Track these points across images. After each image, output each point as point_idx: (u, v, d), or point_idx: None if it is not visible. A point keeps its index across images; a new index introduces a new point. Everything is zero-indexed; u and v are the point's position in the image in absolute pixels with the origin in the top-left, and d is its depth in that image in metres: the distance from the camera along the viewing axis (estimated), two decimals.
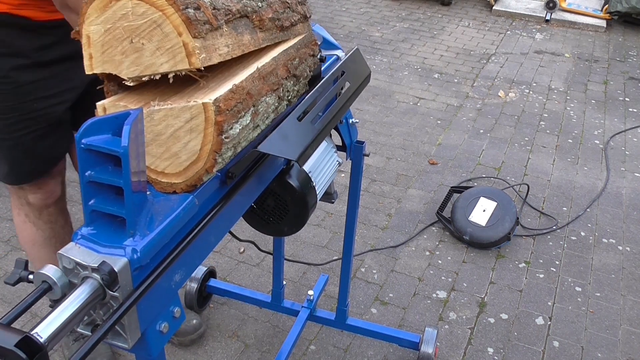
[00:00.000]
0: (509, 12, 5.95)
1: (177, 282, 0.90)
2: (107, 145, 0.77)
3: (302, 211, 1.30)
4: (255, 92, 0.95)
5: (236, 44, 0.92)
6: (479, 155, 3.37)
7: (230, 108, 0.86)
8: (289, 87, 1.09)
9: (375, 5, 6.09)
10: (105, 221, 0.82)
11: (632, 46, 5.30)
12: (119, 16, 0.82)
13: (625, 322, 2.26)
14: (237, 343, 2.09)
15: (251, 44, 0.97)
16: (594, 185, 3.13)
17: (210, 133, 0.84)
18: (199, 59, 0.81)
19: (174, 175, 0.89)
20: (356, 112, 3.81)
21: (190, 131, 0.85)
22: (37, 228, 1.74)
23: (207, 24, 0.83)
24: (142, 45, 0.82)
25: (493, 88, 4.28)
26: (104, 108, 0.89)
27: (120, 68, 0.85)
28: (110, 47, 0.84)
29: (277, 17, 1.05)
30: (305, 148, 1.06)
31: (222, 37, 0.88)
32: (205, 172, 0.87)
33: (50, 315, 0.70)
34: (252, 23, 0.98)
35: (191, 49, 0.81)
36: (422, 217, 2.81)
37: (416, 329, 2.17)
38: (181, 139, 0.86)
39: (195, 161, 0.87)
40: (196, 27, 0.81)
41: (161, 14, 0.80)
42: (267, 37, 1.03)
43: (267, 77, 1.00)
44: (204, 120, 0.84)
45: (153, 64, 0.83)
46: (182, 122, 0.85)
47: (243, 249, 2.53)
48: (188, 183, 0.88)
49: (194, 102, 0.83)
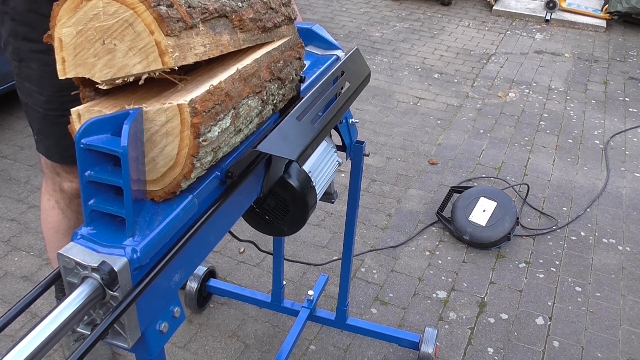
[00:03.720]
0: (509, 12, 5.95)
1: (176, 281, 0.90)
2: (106, 145, 0.77)
3: (302, 211, 1.30)
4: (236, 94, 0.91)
5: (214, 44, 0.89)
6: (479, 155, 3.37)
7: (207, 110, 0.83)
8: (274, 90, 1.05)
9: (375, 5, 6.09)
10: (105, 221, 0.82)
11: (632, 46, 5.30)
12: (91, 17, 0.79)
13: (625, 322, 2.26)
14: (237, 343, 2.09)
15: (231, 44, 0.94)
16: (594, 185, 3.13)
17: (186, 136, 0.81)
18: (172, 58, 0.78)
19: (151, 183, 0.85)
20: (356, 112, 3.81)
21: (166, 135, 0.82)
22: (64, 216, 1.77)
23: (180, 21, 0.80)
24: (114, 46, 0.79)
25: (493, 88, 4.28)
26: (79, 114, 0.85)
27: (94, 71, 0.82)
28: (82, 49, 0.81)
29: (259, 18, 1.02)
30: (305, 148, 1.06)
31: (198, 36, 0.85)
32: (183, 178, 0.84)
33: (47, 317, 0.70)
34: (232, 23, 0.95)
35: (164, 47, 0.78)
36: (422, 217, 2.80)
37: (416, 329, 2.17)
38: (157, 144, 0.83)
39: (172, 167, 0.83)
40: (169, 24, 0.78)
41: (132, 12, 0.77)
42: (248, 38, 1.00)
43: (249, 79, 0.96)
44: (179, 123, 0.81)
45: (126, 65, 0.80)
46: (157, 126, 0.82)
47: (243, 249, 2.53)
48: (166, 190, 0.85)
49: (168, 104, 0.80)
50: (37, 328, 0.69)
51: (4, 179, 2.92)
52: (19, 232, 2.57)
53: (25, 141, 3.24)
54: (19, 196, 2.80)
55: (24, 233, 2.57)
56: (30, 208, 2.72)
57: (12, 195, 2.81)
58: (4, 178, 2.93)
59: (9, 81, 3.17)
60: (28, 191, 2.84)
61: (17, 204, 2.74)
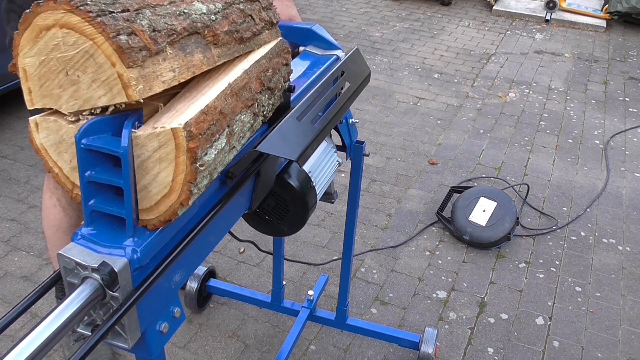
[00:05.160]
0: (509, 12, 5.95)
1: (177, 282, 0.90)
2: (107, 145, 0.77)
3: (302, 211, 1.30)
4: (229, 111, 0.86)
5: (184, 66, 0.83)
6: (479, 155, 3.37)
7: (203, 132, 0.77)
8: (264, 101, 1.00)
9: (375, 5, 6.09)
10: (105, 221, 0.82)
11: (632, 46, 5.30)
12: (51, 47, 0.75)
13: (625, 322, 2.26)
14: (237, 343, 2.09)
15: (204, 63, 0.87)
16: (594, 185, 3.13)
17: (182, 162, 0.75)
18: (136, 91, 0.73)
19: (145, 211, 0.80)
20: (356, 112, 3.81)
21: (159, 161, 0.76)
22: (66, 214, 1.77)
23: (144, 50, 0.75)
24: (77, 77, 0.75)
25: (493, 88, 4.28)
26: (36, 123, 0.81)
27: (60, 102, 0.78)
28: (47, 80, 0.77)
29: (235, 29, 0.95)
30: (305, 148, 1.06)
31: (166, 60, 0.79)
32: (179, 205, 0.79)
33: (47, 318, 0.70)
34: (205, 39, 0.88)
35: (127, 80, 0.73)
36: (422, 217, 2.80)
37: (416, 329, 2.17)
38: (150, 170, 0.77)
39: (167, 194, 0.78)
40: (130, 55, 0.73)
41: (92, 43, 0.72)
42: (224, 52, 0.93)
43: (240, 93, 0.90)
44: (174, 148, 0.75)
45: (91, 97, 0.76)
46: (149, 152, 0.76)
47: (243, 249, 2.53)
48: (161, 218, 0.80)
49: (161, 129, 0.74)
50: (37, 328, 0.69)
51: (4, 179, 2.92)
52: (19, 232, 2.57)
53: (25, 141, 3.24)
54: (19, 196, 2.80)
55: (24, 233, 2.57)
56: (30, 208, 2.72)
57: (12, 195, 2.81)
58: (4, 178, 2.93)
59: (9, 81, 3.17)
60: (28, 191, 2.84)
61: (17, 204, 2.74)
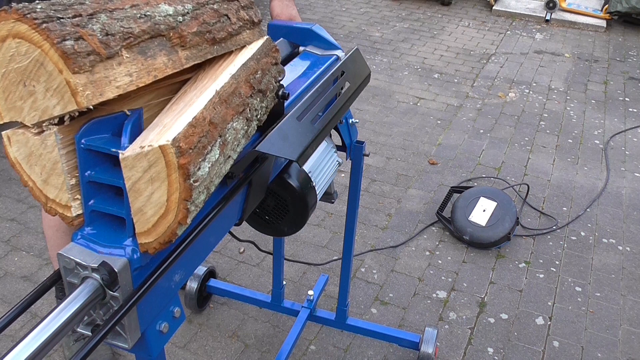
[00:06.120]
0: (509, 12, 5.95)
1: (177, 282, 0.90)
2: (107, 146, 0.77)
3: (302, 211, 1.30)
4: (220, 120, 0.82)
5: (144, 70, 0.79)
6: (479, 155, 3.37)
7: (193, 145, 0.74)
8: (256, 105, 0.95)
9: (375, 5, 6.09)
10: (105, 221, 0.82)
11: (632, 46, 5.30)
12: (8, 58, 0.73)
13: (625, 322, 2.26)
14: (237, 343, 2.09)
15: (168, 66, 0.84)
16: (594, 185, 3.13)
17: (175, 180, 0.73)
18: (84, 97, 0.71)
19: (143, 235, 0.78)
20: (356, 112, 3.81)
21: (151, 181, 0.74)
22: None
23: (92, 54, 0.73)
24: (33, 87, 0.74)
25: (493, 88, 4.28)
26: (8, 137, 0.80)
27: (23, 115, 0.76)
28: (10, 92, 0.76)
29: (207, 30, 0.91)
30: (305, 148, 1.06)
31: (122, 65, 0.76)
32: (178, 225, 0.76)
33: (47, 318, 0.70)
34: (170, 42, 0.85)
35: (74, 86, 0.71)
36: (422, 217, 2.81)
37: (416, 329, 2.17)
38: (142, 192, 0.75)
39: (164, 214, 0.76)
40: (75, 61, 0.71)
41: (40, 51, 0.71)
42: (193, 54, 0.89)
43: (230, 100, 0.86)
44: (165, 166, 0.72)
45: (47, 107, 0.74)
46: (139, 172, 0.74)
47: (243, 249, 2.53)
48: (161, 240, 0.77)
49: (148, 147, 0.71)
50: (37, 328, 0.69)
51: (4, 179, 2.92)
52: (19, 232, 2.57)
53: None
54: (19, 196, 2.80)
55: (24, 233, 2.57)
56: (30, 208, 2.72)
57: (12, 195, 2.81)
58: (4, 178, 2.93)
59: None
60: (28, 191, 2.83)
61: (17, 204, 2.74)
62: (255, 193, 1.10)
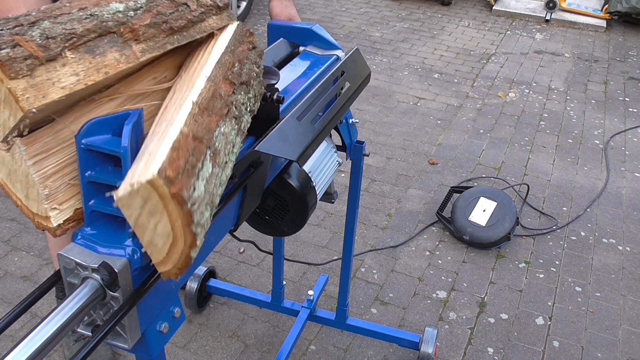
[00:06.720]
0: (509, 12, 5.95)
1: (177, 282, 0.90)
2: (107, 146, 0.77)
3: (302, 211, 1.30)
4: (204, 132, 0.79)
5: (93, 68, 0.78)
6: (479, 155, 3.37)
7: (181, 170, 0.72)
8: (242, 99, 0.91)
9: (375, 5, 6.09)
10: (105, 221, 0.82)
11: (632, 46, 5.30)
12: None
13: (625, 322, 2.26)
14: (237, 343, 2.09)
15: (121, 61, 0.82)
16: (594, 185, 3.13)
17: (173, 209, 0.71)
18: (25, 100, 0.71)
19: (161, 264, 0.77)
20: (356, 112, 3.81)
21: (151, 214, 0.73)
22: None
23: (29, 59, 0.72)
24: None
25: (493, 88, 4.28)
26: None
27: None
28: None
29: (162, 20, 0.88)
30: (305, 148, 1.06)
31: (66, 66, 0.76)
32: (189, 249, 0.75)
33: (47, 318, 0.70)
34: (122, 37, 0.83)
35: (14, 92, 0.70)
36: (422, 217, 2.81)
37: (416, 329, 2.17)
38: (147, 226, 0.74)
39: (173, 243, 0.75)
40: (11, 66, 0.70)
41: None
42: (150, 46, 0.86)
43: (211, 105, 0.83)
44: (159, 199, 0.71)
45: (5, 120, 0.74)
46: (138, 209, 0.73)
47: (243, 249, 2.53)
48: (179, 266, 0.77)
49: (137, 185, 0.70)
50: (37, 328, 0.68)
51: None
52: (19, 232, 2.57)
53: None
54: None
55: (24, 233, 2.57)
56: None
57: None
58: None
59: None
60: None
61: None
62: (251, 198, 1.09)
